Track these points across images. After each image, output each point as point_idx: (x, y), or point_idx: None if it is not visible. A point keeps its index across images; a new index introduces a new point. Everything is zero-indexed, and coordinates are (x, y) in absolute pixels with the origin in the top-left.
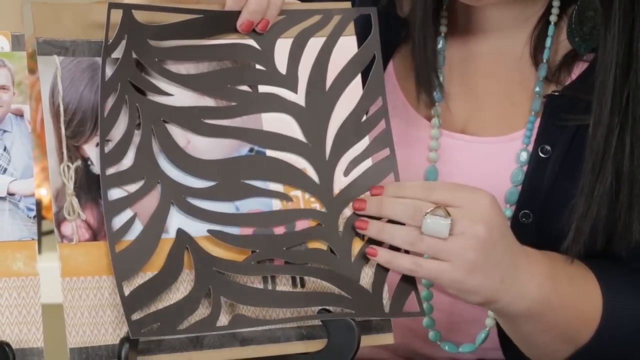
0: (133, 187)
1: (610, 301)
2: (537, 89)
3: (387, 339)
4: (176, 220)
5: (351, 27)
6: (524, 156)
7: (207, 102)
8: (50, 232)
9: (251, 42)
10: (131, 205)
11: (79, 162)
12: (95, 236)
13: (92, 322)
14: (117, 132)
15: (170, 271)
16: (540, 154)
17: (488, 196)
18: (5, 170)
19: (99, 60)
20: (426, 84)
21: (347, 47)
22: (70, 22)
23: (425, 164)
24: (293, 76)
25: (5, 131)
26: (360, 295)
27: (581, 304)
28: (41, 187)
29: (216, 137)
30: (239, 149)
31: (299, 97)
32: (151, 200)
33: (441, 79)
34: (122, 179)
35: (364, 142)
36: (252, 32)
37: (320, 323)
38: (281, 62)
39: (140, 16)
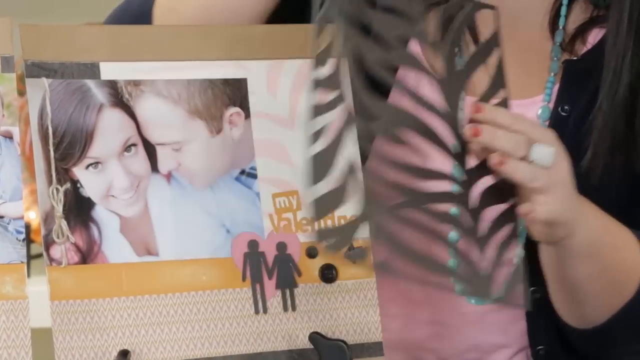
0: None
1: None
2: (554, 53)
3: None
4: None
5: None
6: (546, 113)
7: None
8: (39, 255)
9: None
10: None
11: (68, 185)
12: (84, 259)
13: (81, 345)
14: None
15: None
16: (561, 113)
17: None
18: None
19: (88, 82)
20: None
21: None
22: (58, 44)
23: None
24: None
25: None
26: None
27: (627, 250)
28: (30, 210)
29: None
30: (231, 171)
31: None
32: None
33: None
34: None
35: None
36: None
37: (312, 346)
38: None
39: None
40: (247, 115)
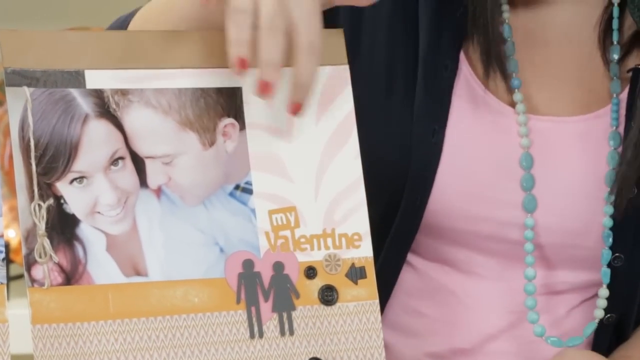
0: None
1: None
2: (613, 71)
3: None
4: None
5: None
6: (617, 138)
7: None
8: (18, 277)
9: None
10: None
11: (51, 201)
12: (68, 280)
13: None
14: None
15: None
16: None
17: None
18: None
19: (73, 91)
20: (499, 66)
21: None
22: (41, 51)
23: (518, 151)
24: None
25: None
26: None
27: None
28: (10, 228)
29: None
30: (224, 186)
31: None
32: None
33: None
34: None
35: None
36: None
37: None
38: None
39: None
40: (242, 127)
